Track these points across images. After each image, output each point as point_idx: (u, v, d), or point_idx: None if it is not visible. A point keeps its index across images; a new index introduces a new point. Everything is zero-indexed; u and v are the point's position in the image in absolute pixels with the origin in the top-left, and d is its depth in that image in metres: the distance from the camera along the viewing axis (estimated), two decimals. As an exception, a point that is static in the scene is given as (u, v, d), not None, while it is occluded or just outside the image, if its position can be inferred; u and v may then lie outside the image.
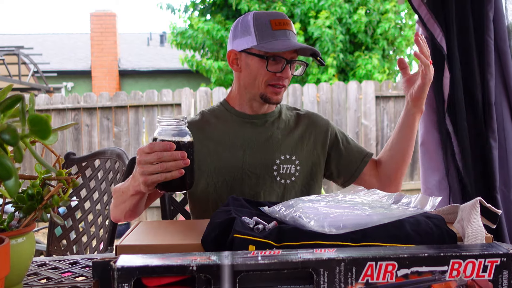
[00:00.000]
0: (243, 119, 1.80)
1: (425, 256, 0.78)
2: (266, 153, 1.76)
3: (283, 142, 1.78)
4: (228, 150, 1.72)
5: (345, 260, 0.77)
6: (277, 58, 1.66)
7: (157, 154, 1.26)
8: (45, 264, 1.23)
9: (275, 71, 1.67)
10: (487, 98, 2.11)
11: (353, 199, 1.20)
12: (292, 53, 1.68)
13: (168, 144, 1.25)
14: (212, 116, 1.84)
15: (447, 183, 2.21)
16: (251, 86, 1.74)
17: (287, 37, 1.66)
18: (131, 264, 0.75)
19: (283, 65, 1.67)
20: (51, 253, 2.36)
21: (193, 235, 1.03)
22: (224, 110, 1.85)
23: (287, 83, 1.73)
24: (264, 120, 1.81)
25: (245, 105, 1.81)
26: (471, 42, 2.13)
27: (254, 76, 1.71)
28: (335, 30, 8.94)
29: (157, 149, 1.26)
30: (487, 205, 1.01)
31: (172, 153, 1.25)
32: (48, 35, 19.97)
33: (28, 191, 0.97)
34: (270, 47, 1.63)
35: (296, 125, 1.85)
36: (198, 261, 0.76)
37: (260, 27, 1.67)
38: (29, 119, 0.74)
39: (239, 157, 1.74)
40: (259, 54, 1.67)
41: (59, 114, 6.75)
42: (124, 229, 6.22)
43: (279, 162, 1.75)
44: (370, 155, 1.86)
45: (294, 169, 1.76)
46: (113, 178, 2.27)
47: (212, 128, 1.80)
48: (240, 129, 1.79)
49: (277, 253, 0.80)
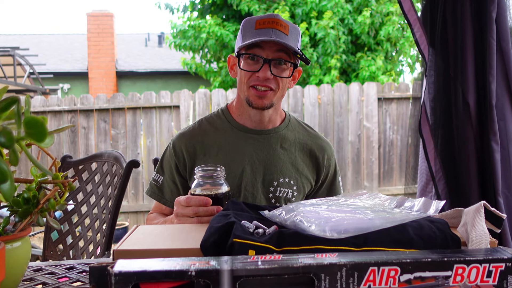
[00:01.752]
0: (244, 133, 1.78)
1: (428, 261, 0.78)
2: (265, 173, 1.74)
3: (284, 164, 1.75)
4: (227, 165, 1.66)
5: (347, 265, 0.77)
6: (256, 57, 1.64)
7: (193, 209, 1.32)
8: (41, 269, 1.23)
9: (252, 70, 1.65)
10: (488, 100, 2.11)
11: (355, 203, 1.20)
12: (275, 53, 1.64)
13: (204, 199, 1.32)
14: (210, 126, 1.81)
15: (432, 187, 2.22)
16: (240, 90, 1.73)
17: (267, 35, 1.62)
18: (128, 269, 0.75)
19: (261, 64, 1.64)
20: (47, 258, 2.36)
21: (192, 240, 1.03)
22: (224, 119, 1.82)
23: (274, 86, 1.67)
24: (268, 136, 1.77)
25: (244, 116, 1.78)
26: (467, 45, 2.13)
27: (240, 79, 1.71)
28: (337, 31, 8.95)
29: (194, 203, 1.33)
30: (491, 209, 1.01)
31: (208, 208, 1.31)
32: (44, 36, 19.98)
33: (24, 194, 0.97)
34: (243, 44, 1.64)
35: (302, 147, 1.81)
36: (197, 266, 0.76)
37: (247, 28, 1.68)
38: (25, 121, 0.74)
39: (238, 174, 1.72)
40: (237, 54, 1.69)
41: (55, 116, 6.75)
42: (121, 233, 6.22)
43: (276, 184, 1.73)
44: None
45: (291, 194, 1.74)
46: (110, 182, 2.27)
47: (211, 140, 1.77)
48: (241, 143, 1.76)
49: (278, 258, 0.80)
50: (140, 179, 6.83)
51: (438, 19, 2.16)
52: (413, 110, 2.38)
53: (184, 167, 1.77)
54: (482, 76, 2.12)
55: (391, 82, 7.25)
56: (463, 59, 2.14)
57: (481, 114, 2.13)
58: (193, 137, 1.78)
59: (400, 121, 7.07)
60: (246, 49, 1.66)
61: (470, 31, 2.14)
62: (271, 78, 1.65)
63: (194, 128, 1.82)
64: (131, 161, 2.14)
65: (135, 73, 14.93)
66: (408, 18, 2.16)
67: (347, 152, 6.94)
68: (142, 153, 6.84)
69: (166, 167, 1.80)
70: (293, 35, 1.68)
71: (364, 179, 7.01)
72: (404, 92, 7.08)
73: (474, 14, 2.14)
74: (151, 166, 6.57)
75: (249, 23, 1.69)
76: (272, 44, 1.63)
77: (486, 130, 2.11)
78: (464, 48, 2.14)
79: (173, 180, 1.78)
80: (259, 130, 1.78)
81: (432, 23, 2.19)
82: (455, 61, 2.15)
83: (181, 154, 1.77)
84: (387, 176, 7.09)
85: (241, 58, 1.69)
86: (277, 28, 1.64)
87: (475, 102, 2.13)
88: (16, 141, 0.74)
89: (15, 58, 9.37)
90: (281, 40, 1.61)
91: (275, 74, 1.66)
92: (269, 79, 1.65)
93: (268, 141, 1.77)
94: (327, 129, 6.88)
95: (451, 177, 2.18)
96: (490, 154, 2.09)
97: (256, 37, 1.62)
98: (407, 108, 7.06)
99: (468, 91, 2.12)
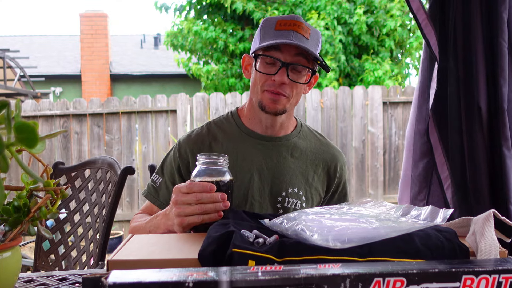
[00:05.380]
0: (253, 139, 1.76)
1: (435, 271, 0.78)
2: (274, 182, 1.72)
3: (294, 174, 1.74)
4: (233, 172, 1.63)
5: (350, 276, 0.77)
6: (274, 60, 1.62)
7: (196, 195, 1.27)
8: (32, 281, 1.23)
9: (269, 73, 1.63)
10: (499, 104, 2.11)
11: (359, 211, 1.20)
12: (294, 57, 1.62)
13: (208, 185, 1.27)
14: (219, 130, 1.80)
15: (424, 196, 2.22)
16: (253, 92, 1.71)
17: (287, 37, 1.60)
18: (123, 280, 0.75)
19: (279, 68, 1.61)
20: (39, 269, 2.36)
21: (190, 250, 1.03)
22: (234, 124, 1.81)
23: (288, 92, 1.65)
24: (278, 144, 1.76)
25: (255, 121, 1.77)
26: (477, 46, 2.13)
27: (254, 81, 1.69)
28: (333, 30, 8.93)
29: (196, 190, 1.28)
30: (501, 218, 1.01)
31: (212, 195, 1.27)
32: (35, 37, 20.02)
33: (14, 203, 0.97)
34: (261, 46, 1.62)
35: (314, 157, 1.80)
36: (195, 277, 0.76)
37: (266, 28, 1.66)
38: (15, 126, 0.74)
39: (245, 182, 1.71)
40: (254, 54, 1.67)
41: (47, 121, 6.76)
42: (116, 243, 6.22)
43: (285, 194, 1.72)
44: None
45: (300, 205, 1.73)
46: (104, 189, 2.28)
47: (219, 145, 1.76)
48: (250, 150, 1.75)
49: (279, 269, 0.80)
50: (135, 187, 6.83)
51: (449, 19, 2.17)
52: (416, 114, 2.36)
53: (187, 169, 1.75)
54: (493, 79, 2.12)
55: (396, 85, 7.25)
56: (474, 62, 2.14)
57: (492, 119, 2.13)
58: (200, 140, 1.77)
59: (406, 126, 7.05)
60: (264, 50, 1.63)
61: (480, 33, 2.13)
62: (287, 83, 1.63)
63: (202, 131, 1.81)
64: (126, 167, 2.14)
65: (130, 76, 14.95)
66: (417, 18, 2.16)
67: (351, 158, 6.94)
68: (137, 160, 6.84)
69: (168, 168, 1.79)
70: (313, 40, 1.66)
71: (369, 186, 7.01)
72: (410, 96, 7.06)
73: (484, 15, 2.14)
74: (146, 173, 6.57)
75: (269, 23, 1.67)
76: (291, 47, 1.61)
77: (497, 135, 2.11)
78: (474, 50, 2.13)
79: (173, 182, 1.75)
80: (269, 136, 1.77)
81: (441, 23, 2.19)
82: (465, 64, 2.15)
83: (185, 156, 1.75)
84: (393, 183, 7.08)
85: (257, 59, 1.66)
86: (298, 31, 1.61)
87: (487, 106, 2.13)
88: (6, 147, 0.74)
89: (5, 61, 9.39)
90: (301, 44, 1.58)
91: (292, 79, 1.63)
92: (285, 84, 1.63)
93: (278, 149, 1.76)
94: (330, 134, 6.88)
95: (460, 185, 2.17)
96: (501, 160, 2.09)
97: (275, 38, 1.60)
98: (414, 113, 7.04)
99: (480, 95, 2.12)
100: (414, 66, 9.95)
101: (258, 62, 1.66)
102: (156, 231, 1.47)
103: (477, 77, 2.13)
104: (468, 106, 2.14)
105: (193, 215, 1.28)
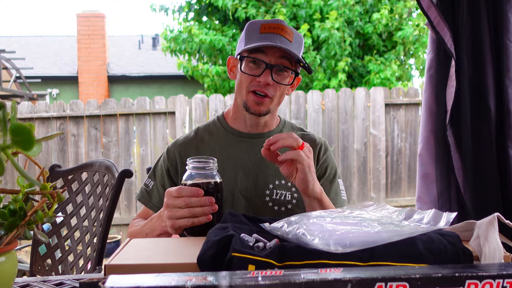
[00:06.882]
0: (237, 137, 1.84)
1: (438, 276, 0.78)
2: (259, 176, 1.78)
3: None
4: (220, 171, 1.69)
5: (352, 281, 0.77)
6: (258, 61, 1.70)
7: (185, 199, 1.35)
8: (28, 285, 1.23)
9: (254, 75, 1.70)
10: (506, 105, 2.11)
11: (361, 215, 1.20)
12: (278, 59, 1.69)
13: (195, 190, 1.35)
14: (206, 133, 1.89)
15: (446, 199, 2.21)
16: (238, 93, 1.79)
17: (272, 40, 1.67)
18: (121, 285, 0.75)
19: (263, 69, 1.69)
20: (35, 273, 2.36)
21: (188, 254, 1.03)
22: (220, 126, 1.89)
23: (272, 92, 1.72)
24: (261, 139, 1.79)
25: (239, 121, 1.84)
26: (485, 46, 2.13)
27: (240, 82, 1.77)
28: (343, 32, 8.96)
29: (185, 194, 1.36)
30: (505, 221, 1.01)
31: (200, 199, 1.35)
32: (32, 38, 20.04)
33: (10, 206, 0.97)
34: (246, 48, 1.69)
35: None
36: (194, 281, 0.76)
37: (251, 31, 1.74)
38: (11, 128, 0.74)
39: (231, 178, 1.76)
40: (240, 56, 1.75)
41: (44, 123, 6.76)
42: (113, 247, 6.21)
43: (272, 187, 1.76)
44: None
45: (290, 196, 1.77)
46: (101, 192, 2.27)
47: (205, 146, 1.84)
48: (234, 148, 1.82)
49: (279, 273, 0.80)
50: (133, 190, 6.82)
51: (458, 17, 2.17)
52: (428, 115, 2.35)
53: (176, 171, 1.83)
54: (499, 79, 2.13)
55: (399, 87, 7.22)
56: (482, 62, 2.14)
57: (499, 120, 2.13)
58: (188, 144, 1.86)
59: (408, 128, 7.07)
60: (249, 52, 1.71)
61: (486, 33, 2.14)
62: (271, 84, 1.71)
63: (190, 136, 1.90)
64: (124, 170, 2.14)
65: (128, 77, 14.95)
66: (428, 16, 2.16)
67: (352, 161, 6.94)
68: (135, 162, 6.84)
69: (158, 172, 1.87)
70: (296, 43, 1.74)
71: (371, 189, 7.01)
72: (413, 97, 7.07)
73: (489, 15, 2.14)
74: (144, 175, 6.57)
75: (254, 26, 1.75)
76: (275, 50, 1.69)
77: (504, 136, 2.11)
78: (481, 50, 2.14)
79: (163, 185, 1.83)
80: (252, 133, 1.85)
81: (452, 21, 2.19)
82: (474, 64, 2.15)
83: (174, 159, 1.84)
84: (395, 186, 7.09)
85: (243, 61, 1.75)
86: (282, 34, 1.69)
87: (495, 107, 2.13)
88: (2, 150, 0.74)
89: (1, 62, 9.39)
90: (285, 46, 1.66)
91: (276, 81, 1.71)
92: (269, 85, 1.71)
93: (261, 144, 1.78)
94: (331, 136, 6.88)
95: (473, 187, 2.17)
96: (508, 162, 2.09)
97: (260, 41, 1.68)
98: (416, 115, 7.05)
99: (489, 95, 2.13)
100: (417, 68, 9.94)
101: (243, 64, 1.74)
102: (153, 233, 1.54)
103: (486, 78, 2.14)
104: (479, 107, 2.15)
105: (184, 218, 1.35)
